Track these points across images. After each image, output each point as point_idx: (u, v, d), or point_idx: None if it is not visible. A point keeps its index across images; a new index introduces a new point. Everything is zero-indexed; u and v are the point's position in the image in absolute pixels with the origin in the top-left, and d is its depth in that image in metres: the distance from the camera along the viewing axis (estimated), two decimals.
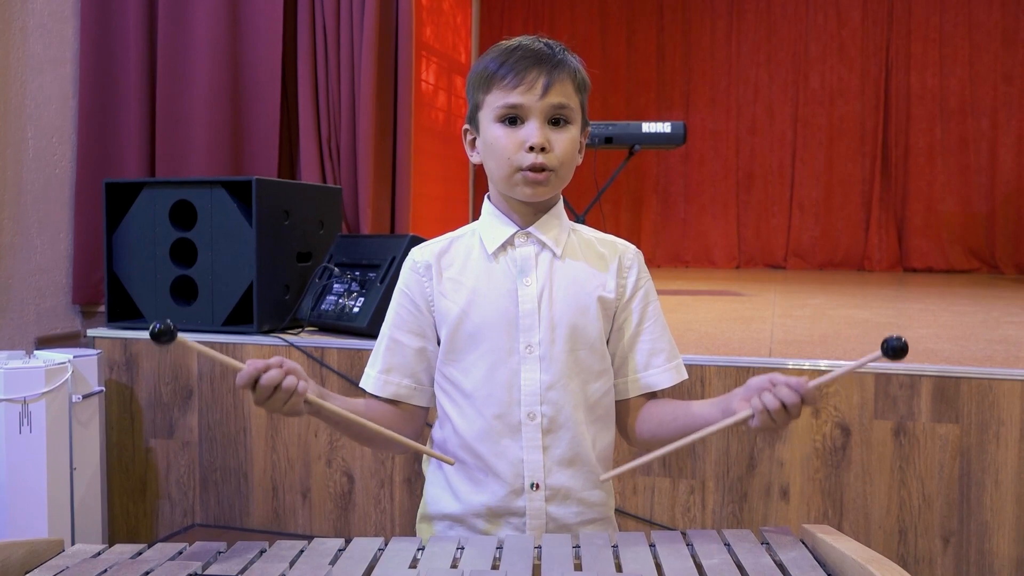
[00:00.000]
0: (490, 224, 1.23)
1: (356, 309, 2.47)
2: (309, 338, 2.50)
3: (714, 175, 6.53)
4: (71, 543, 1.41)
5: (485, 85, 1.18)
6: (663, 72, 6.64)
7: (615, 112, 6.44)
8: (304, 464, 2.44)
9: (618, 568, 0.93)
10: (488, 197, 1.26)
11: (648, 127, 3.68)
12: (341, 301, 2.52)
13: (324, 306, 2.56)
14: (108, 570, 0.94)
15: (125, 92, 3.20)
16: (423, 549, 0.99)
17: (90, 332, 2.67)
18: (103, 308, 2.84)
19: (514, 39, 1.20)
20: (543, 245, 1.21)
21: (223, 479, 2.53)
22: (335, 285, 2.59)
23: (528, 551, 0.96)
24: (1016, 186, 5.89)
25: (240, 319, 2.57)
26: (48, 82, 3.00)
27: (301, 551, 0.99)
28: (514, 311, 1.19)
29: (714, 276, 5.61)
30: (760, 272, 6.14)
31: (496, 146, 1.17)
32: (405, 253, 1.33)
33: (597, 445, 1.21)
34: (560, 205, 1.25)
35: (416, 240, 2.41)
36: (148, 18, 3.22)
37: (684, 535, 1.01)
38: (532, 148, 1.14)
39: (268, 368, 1.03)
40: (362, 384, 1.27)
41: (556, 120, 1.16)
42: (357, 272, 2.56)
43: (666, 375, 1.24)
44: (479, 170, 1.25)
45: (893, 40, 6.15)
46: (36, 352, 2.46)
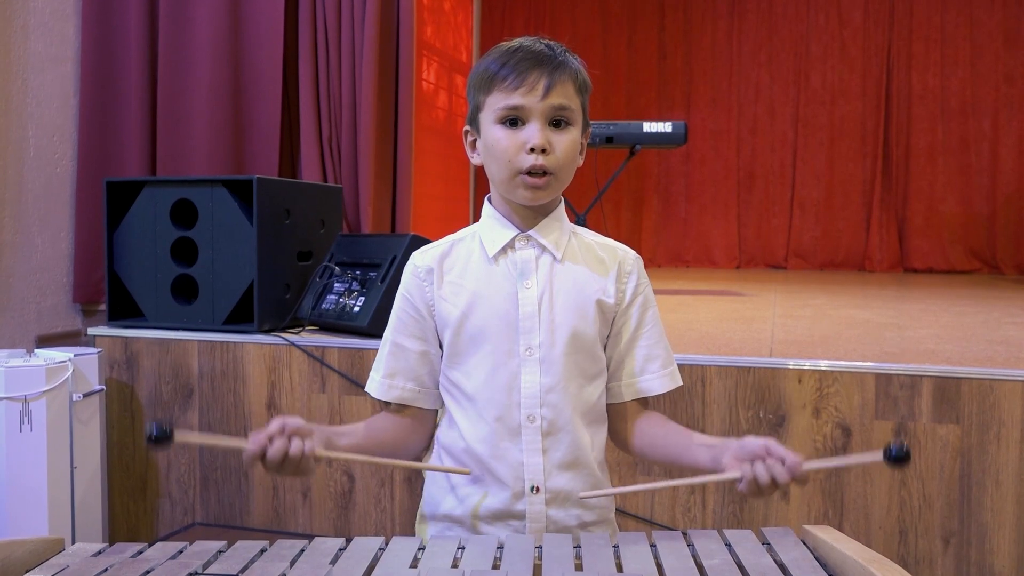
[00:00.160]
0: (490, 227, 1.23)
1: (357, 308, 2.47)
2: (309, 337, 2.50)
3: (715, 175, 6.52)
4: (71, 542, 1.41)
5: (486, 86, 1.17)
6: (664, 72, 6.64)
7: (616, 112, 6.43)
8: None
9: (619, 568, 0.93)
10: (488, 199, 1.26)
11: (649, 127, 3.67)
12: (342, 300, 2.52)
13: (325, 305, 2.56)
14: (108, 569, 0.94)
15: (126, 91, 3.20)
16: (424, 549, 0.99)
17: (91, 331, 2.67)
18: (104, 307, 2.83)
19: (515, 40, 1.20)
20: (543, 248, 1.21)
21: (223, 478, 2.53)
22: (336, 284, 2.59)
23: (529, 551, 0.96)
24: (1017, 187, 5.89)
25: (241, 318, 2.57)
26: (49, 81, 3.00)
27: (302, 550, 0.99)
28: (514, 314, 1.19)
29: (715, 276, 5.61)
30: (761, 272, 6.14)
31: (497, 148, 1.16)
32: (406, 252, 1.33)
33: (594, 447, 1.22)
34: (561, 208, 1.25)
35: (417, 239, 2.41)
36: (149, 17, 3.22)
37: (685, 535, 1.01)
38: (533, 149, 1.14)
39: (271, 439, 1.03)
40: (367, 388, 1.27)
41: (557, 121, 1.16)
42: (358, 271, 2.56)
43: (660, 381, 1.24)
44: (480, 170, 1.25)
45: (894, 40, 6.14)
46: (37, 351, 2.46)
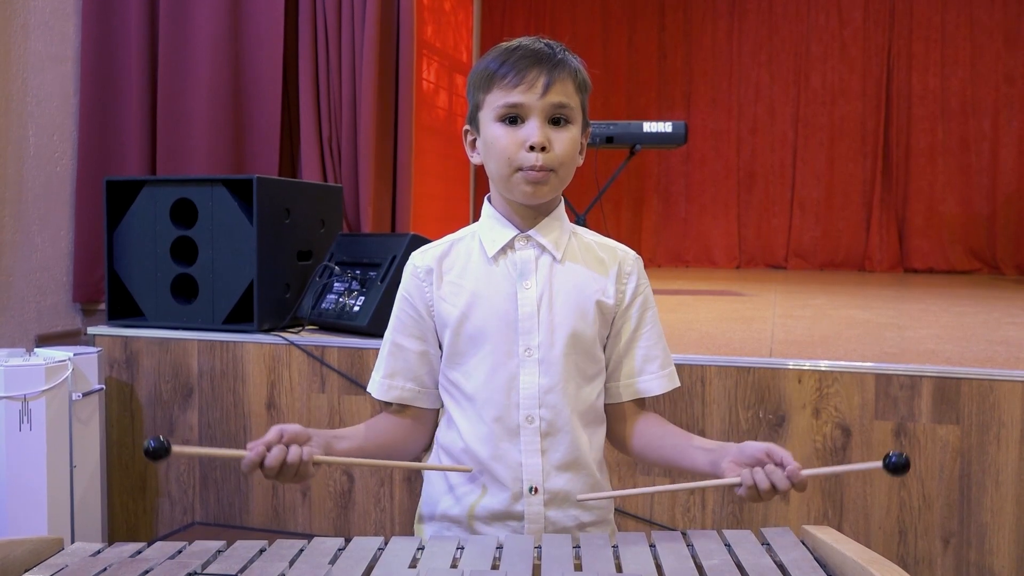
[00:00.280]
0: (490, 227, 1.23)
1: (356, 308, 2.47)
2: (309, 337, 2.50)
3: (715, 175, 6.52)
4: (71, 541, 1.41)
5: (485, 85, 1.17)
6: (664, 72, 6.64)
7: (616, 111, 6.43)
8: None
9: (618, 568, 0.93)
10: (488, 199, 1.26)
11: (649, 127, 3.67)
12: (341, 300, 2.52)
13: (324, 305, 2.56)
14: (107, 569, 0.94)
15: (126, 90, 3.20)
16: (423, 549, 0.99)
17: (90, 330, 2.67)
18: (103, 306, 2.83)
19: (515, 40, 1.20)
20: (543, 248, 1.21)
21: (223, 477, 2.53)
22: (336, 284, 2.59)
23: (528, 551, 0.96)
24: (1017, 187, 5.88)
25: (240, 317, 2.57)
26: (49, 80, 3.00)
27: (301, 550, 0.99)
28: (513, 314, 1.18)
29: (715, 276, 5.61)
30: (761, 272, 6.14)
31: (496, 145, 1.16)
32: (406, 252, 1.33)
33: (593, 448, 1.22)
34: (561, 208, 1.25)
35: (417, 239, 2.40)
36: (149, 16, 3.22)
37: (684, 535, 1.01)
38: (532, 147, 1.14)
39: (269, 447, 1.04)
40: (368, 389, 1.28)
41: (556, 120, 1.16)
42: (358, 271, 2.56)
43: (658, 382, 1.24)
44: (480, 169, 1.25)
45: (895, 40, 6.14)
46: (36, 350, 2.46)
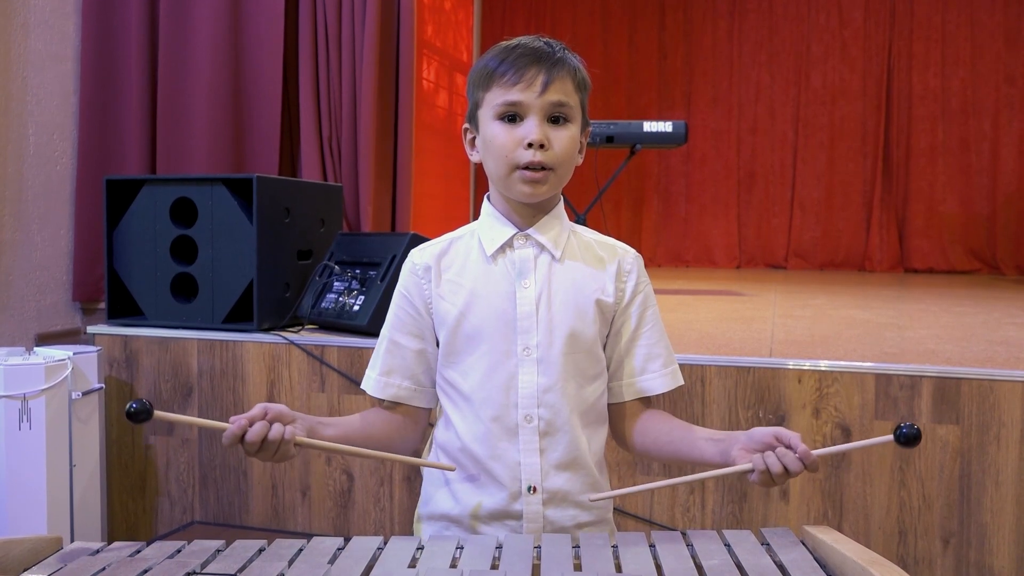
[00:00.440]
0: (489, 225, 1.23)
1: (356, 307, 2.47)
2: (309, 336, 2.50)
3: (715, 175, 6.52)
4: (70, 540, 1.40)
5: (485, 83, 1.17)
6: (664, 71, 6.64)
7: (616, 111, 6.43)
8: (304, 462, 2.44)
9: (618, 568, 0.93)
10: (488, 197, 1.25)
11: (649, 126, 3.67)
12: (341, 299, 2.52)
13: (324, 304, 2.56)
14: (106, 568, 0.94)
15: (126, 89, 3.20)
16: (422, 549, 0.98)
17: (90, 329, 2.67)
18: (103, 305, 2.83)
19: (515, 39, 1.20)
20: (542, 247, 1.21)
21: (223, 477, 2.53)
22: (335, 283, 2.59)
23: (527, 551, 0.96)
24: (1017, 187, 5.88)
25: (240, 316, 2.57)
26: (49, 79, 2.99)
27: (300, 550, 0.98)
28: (512, 313, 1.18)
29: (715, 276, 5.61)
30: (761, 272, 6.14)
31: (495, 143, 1.16)
32: (406, 251, 1.33)
33: (592, 447, 1.21)
34: (560, 206, 1.24)
35: (417, 238, 2.40)
36: (149, 15, 3.22)
37: (684, 535, 1.01)
38: (531, 145, 1.14)
39: (252, 422, 1.04)
40: (363, 386, 1.27)
41: (556, 118, 1.16)
42: (357, 270, 2.56)
43: (661, 380, 1.24)
44: (480, 169, 1.25)
45: (895, 40, 6.14)
46: (36, 349, 2.46)
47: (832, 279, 5.30)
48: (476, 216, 1.27)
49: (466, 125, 1.24)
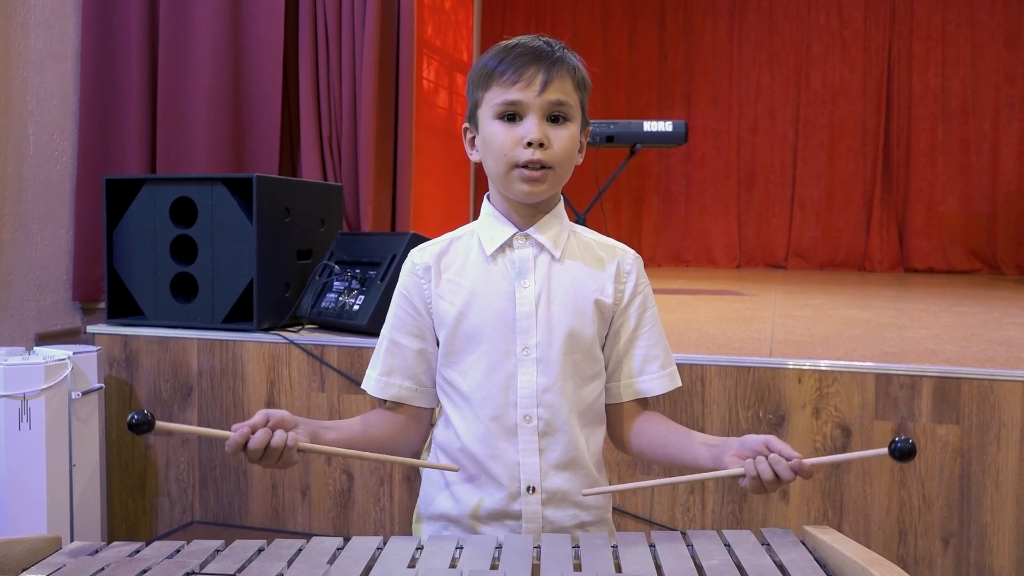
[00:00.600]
0: (489, 225, 1.23)
1: (356, 307, 2.47)
2: (309, 336, 2.50)
3: (715, 174, 6.52)
4: (70, 540, 1.40)
5: (484, 82, 1.17)
6: (665, 71, 6.63)
7: (616, 111, 6.43)
8: (304, 462, 2.44)
9: (617, 568, 0.93)
10: (488, 197, 1.25)
11: (649, 126, 3.67)
12: (341, 299, 2.52)
13: (324, 304, 2.56)
14: (105, 568, 0.94)
15: (126, 89, 3.20)
16: (422, 549, 0.98)
17: (90, 329, 2.67)
18: (103, 305, 2.83)
19: (514, 38, 1.20)
20: (542, 247, 1.21)
21: (222, 476, 2.53)
22: (335, 283, 2.58)
23: (527, 551, 0.96)
24: (1017, 187, 5.88)
25: (240, 316, 2.57)
26: (49, 78, 2.99)
27: (299, 550, 0.98)
28: (511, 313, 1.18)
29: (715, 276, 5.61)
30: (761, 272, 6.14)
31: (494, 142, 1.16)
32: (406, 251, 1.33)
33: (591, 447, 1.21)
34: (560, 206, 1.24)
35: (417, 238, 2.40)
36: (150, 15, 3.22)
37: (684, 535, 1.01)
38: (530, 144, 1.14)
39: (254, 429, 1.04)
40: (363, 386, 1.27)
41: (555, 117, 1.16)
42: (357, 270, 2.55)
43: (659, 382, 1.24)
44: (480, 169, 1.25)
45: (895, 40, 6.14)
46: (36, 348, 2.46)
47: (832, 279, 5.30)
48: (476, 216, 1.27)
49: (466, 124, 1.24)
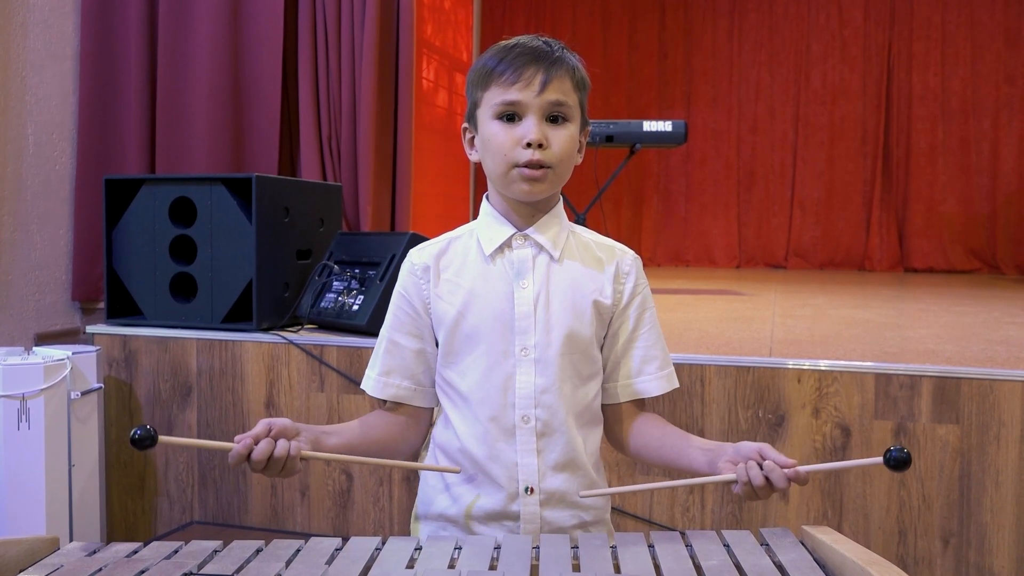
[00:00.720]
0: (488, 225, 1.22)
1: (356, 307, 2.46)
2: (308, 336, 2.50)
3: (715, 174, 6.52)
4: (69, 540, 1.40)
5: (483, 82, 1.17)
6: (664, 71, 6.63)
7: (616, 111, 6.43)
8: (303, 461, 2.43)
9: (616, 569, 0.93)
10: (487, 197, 1.25)
11: (649, 126, 3.67)
12: (341, 299, 2.52)
13: (323, 304, 2.56)
14: (103, 568, 0.93)
15: (125, 89, 3.19)
16: (420, 549, 0.98)
17: (89, 329, 2.67)
18: (102, 305, 2.83)
19: (513, 38, 1.19)
20: (540, 247, 1.20)
21: (221, 476, 2.53)
22: (335, 283, 2.58)
23: (526, 552, 0.96)
24: (1017, 187, 5.88)
25: (239, 316, 2.57)
26: (48, 78, 2.99)
27: (298, 550, 0.98)
28: (510, 313, 1.18)
29: (715, 275, 5.61)
30: (761, 272, 6.14)
31: (493, 143, 1.16)
32: (405, 251, 1.33)
33: (588, 448, 1.21)
34: (560, 206, 1.24)
35: (416, 238, 2.40)
36: (149, 15, 3.22)
37: (683, 535, 1.00)
38: (529, 144, 1.13)
39: (257, 440, 1.04)
40: (363, 386, 1.27)
41: (554, 117, 1.16)
42: (357, 270, 2.55)
43: (657, 383, 1.24)
44: (479, 168, 1.25)
45: (895, 40, 6.14)
46: (35, 348, 2.46)
47: (832, 279, 5.30)
48: (475, 216, 1.27)
49: (465, 124, 1.24)
